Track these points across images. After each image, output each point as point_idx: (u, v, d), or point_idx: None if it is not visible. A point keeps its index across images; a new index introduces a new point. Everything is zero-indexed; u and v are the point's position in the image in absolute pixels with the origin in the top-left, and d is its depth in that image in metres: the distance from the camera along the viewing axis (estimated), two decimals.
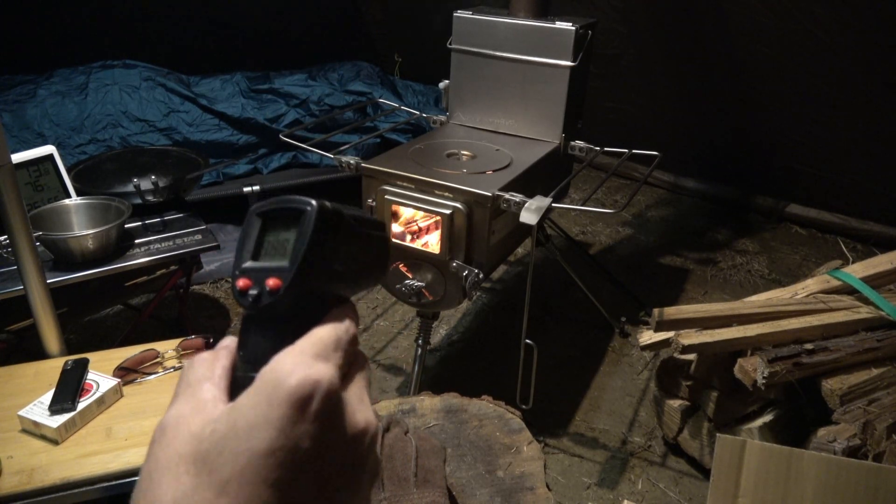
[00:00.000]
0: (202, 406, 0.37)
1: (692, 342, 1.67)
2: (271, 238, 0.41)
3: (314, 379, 0.35)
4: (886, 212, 3.12)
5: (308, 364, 0.36)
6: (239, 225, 3.03)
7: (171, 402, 0.38)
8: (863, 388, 1.63)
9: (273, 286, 0.38)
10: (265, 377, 0.35)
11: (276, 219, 0.41)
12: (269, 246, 0.41)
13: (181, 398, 0.38)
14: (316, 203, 0.39)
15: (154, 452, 0.36)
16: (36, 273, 1.39)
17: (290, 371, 0.35)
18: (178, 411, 0.37)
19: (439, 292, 1.80)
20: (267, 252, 0.40)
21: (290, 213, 0.40)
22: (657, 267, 3.01)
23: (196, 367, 0.39)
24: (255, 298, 0.38)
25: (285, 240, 0.40)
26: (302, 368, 0.35)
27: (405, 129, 3.14)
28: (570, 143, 2.10)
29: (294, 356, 0.36)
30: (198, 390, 0.38)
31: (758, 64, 3.00)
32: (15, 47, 3.30)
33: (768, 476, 1.31)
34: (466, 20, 2.06)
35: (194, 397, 0.37)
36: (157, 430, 0.37)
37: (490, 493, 1.22)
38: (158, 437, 0.36)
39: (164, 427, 0.37)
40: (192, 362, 0.40)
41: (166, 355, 1.43)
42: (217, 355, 0.40)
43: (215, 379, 0.38)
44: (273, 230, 0.41)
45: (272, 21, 3.95)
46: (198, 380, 0.38)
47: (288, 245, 0.39)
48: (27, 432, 1.21)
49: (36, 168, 1.91)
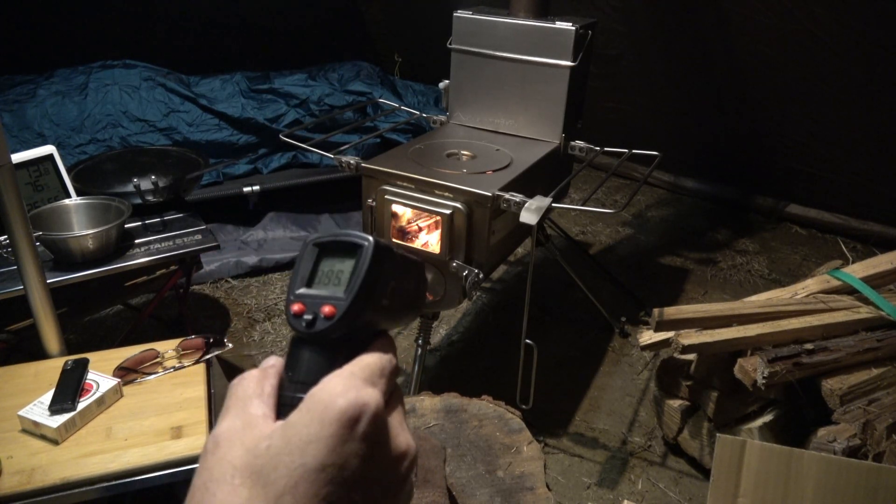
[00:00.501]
0: (253, 422, 0.38)
1: (692, 342, 1.67)
2: (325, 268, 0.44)
3: (363, 401, 0.37)
4: (886, 212, 3.12)
5: (357, 387, 0.38)
6: (239, 225, 3.05)
7: (221, 415, 0.40)
8: (863, 388, 1.63)
9: (328, 313, 0.41)
10: (316, 397, 0.38)
11: (331, 250, 0.44)
12: (322, 275, 0.44)
13: (232, 412, 0.40)
14: (373, 239, 0.42)
15: (208, 464, 0.38)
16: (36, 273, 1.39)
17: (341, 392, 0.37)
18: (231, 425, 0.39)
19: (439, 292, 1.80)
20: (321, 280, 0.43)
21: (346, 247, 0.43)
22: (657, 267, 3.01)
23: (246, 383, 0.41)
24: (310, 323, 0.41)
25: (339, 270, 0.43)
26: (352, 391, 0.38)
27: (405, 129, 3.14)
28: (570, 143, 2.10)
29: (343, 379, 0.39)
30: (248, 406, 0.40)
31: (758, 64, 3.00)
32: (15, 47, 3.30)
33: (768, 476, 1.31)
34: (466, 20, 2.06)
35: (245, 412, 0.39)
36: (209, 442, 0.39)
37: (490, 493, 1.22)
38: (212, 448, 0.38)
39: (217, 440, 0.38)
40: (242, 379, 0.42)
41: (166, 355, 1.43)
42: (265, 374, 0.42)
43: (264, 397, 0.40)
44: (328, 260, 0.44)
45: (272, 21, 3.95)
46: (248, 396, 0.40)
47: (342, 276, 0.43)
48: (27, 432, 1.21)
49: (36, 168, 1.90)
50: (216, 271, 2.77)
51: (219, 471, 0.37)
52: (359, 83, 3.28)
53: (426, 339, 1.98)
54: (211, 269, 2.74)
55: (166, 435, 1.23)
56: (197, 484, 0.37)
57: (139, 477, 1.16)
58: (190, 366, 1.41)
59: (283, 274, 2.84)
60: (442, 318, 2.55)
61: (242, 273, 2.80)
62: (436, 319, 2.05)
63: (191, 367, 1.41)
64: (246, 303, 2.65)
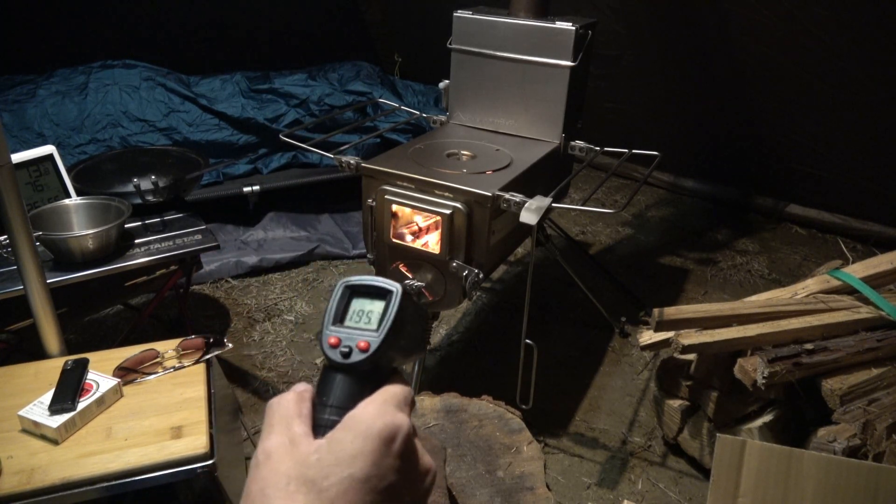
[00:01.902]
0: (298, 439, 0.44)
1: (692, 342, 1.67)
2: (356, 307, 0.51)
3: (397, 424, 0.44)
4: (886, 212, 3.12)
5: (391, 412, 0.45)
6: (239, 225, 3.05)
7: (265, 431, 0.46)
8: (863, 388, 1.63)
9: (363, 347, 0.48)
10: (357, 418, 0.44)
11: (362, 293, 0.51)
12: (353, 313, 0.51)
13: (277, 429, 0.45)
14: (400, 287, 0.50)
15: (262, 473, 0.43)
16: (36, 273, 1.39)
17: (378, 415, 0.44)
18: (280, 441, 0.44)
19: (439, 292, 1.80)
20: (352, 318, 0.51)
21: (375, 290, 0.51)
22: (657, 267, 3.01)
23: (286, 404, 0.47)
24: (345, 354, 0.48)
25: (370, 311, 0.50)
26: (388, 415, 0.44)
27: (405, 129, 3.14)
28: (570, 143, 2.10)
29: (378, 405, 0.45)
30: (291, 424, 0.45)
31: (758, 64, 3.00)
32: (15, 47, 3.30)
33: (768, 476, 1.31)
34: (466, 20, 2.06)
35: (289, 430, 0.45)
36: (260, 455, 0.44)
37: (490, 493, 1.22)
38: (264, 460, 0.44)
39: (268, 453, 0.44)
40: (281, 401, 0.48)
41: (166, 355, 1.43)
42: (301, 397, 0.48)
43: (303, 417, 0.46)
44: (358, 300, 0.51)
45: (272, 21, 3.95)
46: (290, 416, 0.46)
47: (372, 315, 0.50)
48: (27, 432, 1.21)
49: (36, 168, 1.90)
50: (216, 271, 2.77)
51: (273, 479, 0.42)
52: (359, 83, 3.28)
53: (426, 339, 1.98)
54: (211, 269, 2.74)
55: (166, 435, 1.22)
56: (253, 490, 0.43)
57: (139, 477, 1.16)
58: (190, 366, 1.41)
59: (283, 274, 2.84)
60: (442, 318, 2.55)
61: (242, 273, 2.80)
62: (436, 319, 2.06)
63: (191, 367, 1.41)
64: (246, 303, 2.65)
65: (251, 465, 0.45)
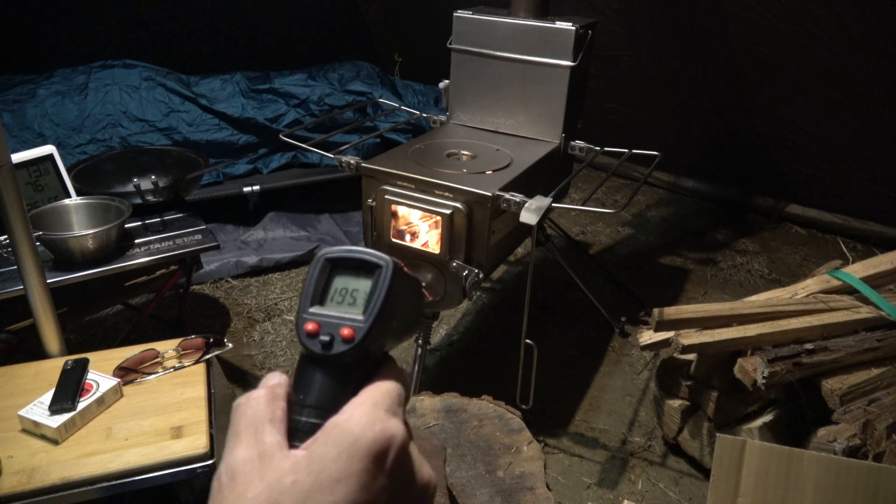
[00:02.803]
0: (269, 452, 0.36)
1: (692, 342, 1.67)
2: (339, 285, 0.42)
3: (391, 433, 0.36)
4: (886, 212, 3.12)
5: (383, 418, 0.36)
6: (239, 225, 3.05)
7: (231, 441, 0.38)
8: (863, 388, 1.63)
9: (347, 336, 0.39)
10: (341, 427, 0.36)
11: (345, 267, 0.42)
12: (336, 293, 0.42)
13: (244, 440, 0.37)
14: (391, 260, 0.41)
15: (225, 500, 0.36)
16: (36, 273, 1.39)
17: (368, 424, 0.36)
18: (247, 455, 0.36)
19: (439, 292, 1.80)
20: (334, 299, 0.42)
21: (361, 264, 0.41)
22: (657, 267, 3.01)
23: (255, 405, 0.39)
24: (326, 345, 0.39)
25: (355, 290, 0.41)
26: (379, 423, 0.36)
27: (405, 129, 3.14)
28: (570, 143, 2.10)
29: (368, 408, 0.37)
30: (261, 432, 0.37)
31: (758, 64, 3.00)
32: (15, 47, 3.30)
33: (768, 476, 1.31)
34: (466, 20, 2.06)
35: (259, 441, 0.37)
36: (224, 475, 0.36)
37: (490, 493, 1.22)
38: (228, 482, 0.36)
39: (233, 473, 0.36)
40: (249, 400, 0.39)
41: (166, 355, 1.43)
42: (274, 394, 0.40)
43: (276, 422, 0.38)
44: (341, 277, 0.42)
45: (272, 21, 3.95)
46: (259, 420, 0.38)
47: (357, 295, 0.41)
48: (27, 432, 1.21)
49: (36, 168, 1.90)
50: (216, 271, 2.77)
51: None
52: (359, 83, 3.28)
53: (426, 339, 1.98)
54: (211, 269, 2.74)
55: (166, 435, 1.23)
56: None
57: (139, 477, 1.16)
58: (190, 366, 1.41)
59: (283, 274, 2.84)
60: (442, 318, 2.55)
61: (242, 273, 2.80)
62: (436, 319, 2.05)
63: (191, 367, 1.41)
64: (246, 303, 2.65)
65: (213, 487, 0.37)
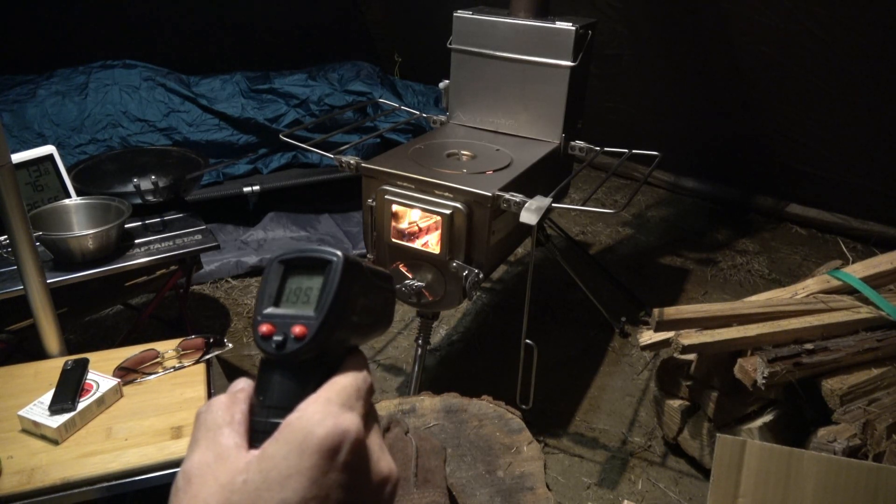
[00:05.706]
0: (225, 454, 0.36)
1: (692, 342, 1.67)
2: (293, 285, 0.42)
3: (343, 428, 0.36)
4: (886, 212, 3.12)
5: (335, 413, 0.36)
6: (239, 225, 3.05)
7: (190, 446, 0.38)
8: (863, 388, 1.63)
9: (299, 333, 0.39)
10: (293, 425, 0.36)
11: (298, 267, 0.42)
12: (290, 293, 0.42)
13: (202, 444, 0.37)
14: (341, 254, 0.40)
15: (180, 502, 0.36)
16: (36, 273, 1.39)
17: (319, 420, 0.36)
18: (202, 459, 0.37)
19: (439, 292, 1.80)
20: (289, 299, 0.41)
21: (314, 262, 0.41)
22: (657, 267, 3.01)
23: (214, 410, 0.39)
24: (279, 345, 0.39)
25: (308, 288, 0.41)
26: (330, 418, 0.36)
27: (405, 129, 3.14)
28: (570, 143, 2.10)
29: (321, 405, 0.37)
30: (218, 436, 0.37)
31: (758, 64, 3.00)
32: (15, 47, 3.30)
33: (768, 476, 1.31)
34: (466, 20, 2.06)
35: (216, 443, 0.37)
36: (180, 479, 0.37)
37: (490, 493, 1.22)
38: (184, 486, 0.36)
39: (188, 476, 0.36)
40: (210, 406, 0.39)
41: (166, 355, 1.43)
42: (234, 399, 0.40)
43: (235, 424, 0.38)
44: (295, 278, 0.42)
45: (272, 21, 3.94)
46: (217, 425, 0.38)
47: (311, 293, 0.41)
48: (27, 432, 1.21)
49: (36, 168, 1.90)
50: (216, 271, 2.76)
51: None
52: (359, 83, 3.28)
53: (426, 339, 1.98)
54: (211, 269, 2.74)
55: (166, 435, 1.23)
56: None
57: (139, 477, 1.16)
58: (190, 366, 1.41)
59: None
60: (442, 318, 2.55)
61: (242, 273, 2.80)
62: (436, 319, 2.05)
63: (191, 367, 1.41)
64: (246, 303, 2.65)
65: (171, 492, 0.37)
